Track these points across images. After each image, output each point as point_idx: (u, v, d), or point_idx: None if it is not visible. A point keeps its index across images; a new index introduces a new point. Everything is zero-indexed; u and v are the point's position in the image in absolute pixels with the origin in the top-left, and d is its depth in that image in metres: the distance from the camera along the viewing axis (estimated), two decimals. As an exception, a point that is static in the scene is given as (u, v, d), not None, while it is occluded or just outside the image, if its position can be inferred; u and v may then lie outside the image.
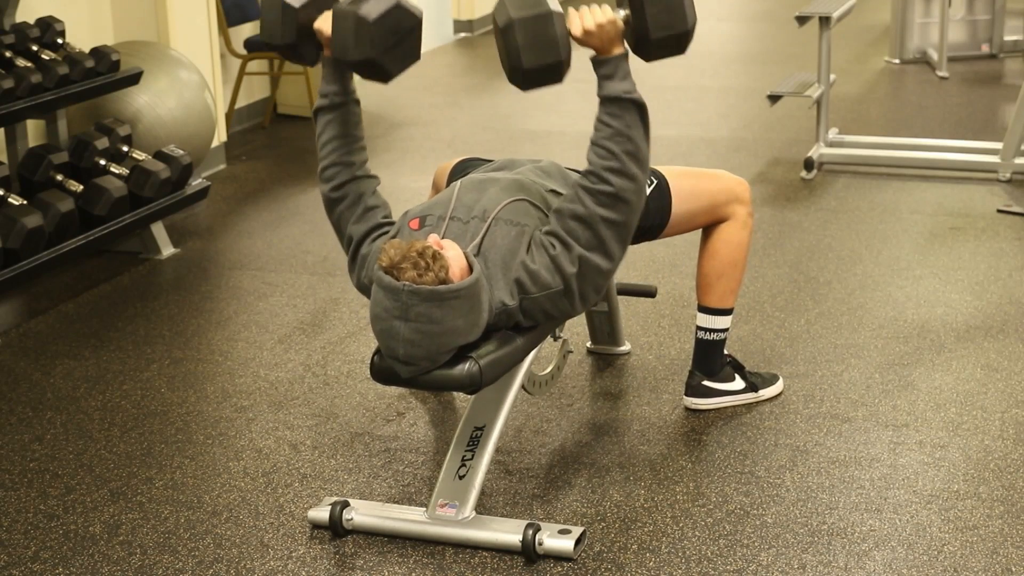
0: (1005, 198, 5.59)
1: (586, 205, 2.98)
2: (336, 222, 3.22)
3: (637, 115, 3.00)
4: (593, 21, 2.97)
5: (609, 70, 3.01)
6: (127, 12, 5.90)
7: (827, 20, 5.95)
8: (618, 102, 3.00)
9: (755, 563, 2.95)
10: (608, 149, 2.98)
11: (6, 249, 4.30)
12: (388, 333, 2.85)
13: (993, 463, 3.36)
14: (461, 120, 7.40)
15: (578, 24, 2.97)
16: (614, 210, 2.99)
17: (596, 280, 3.03)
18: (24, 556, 3.05)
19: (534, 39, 2.90)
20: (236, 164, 6.50)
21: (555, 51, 2.92)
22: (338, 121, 3.21)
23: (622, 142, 2.98)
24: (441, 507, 3.07)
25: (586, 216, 2.99)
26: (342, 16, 3.05)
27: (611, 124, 2.99)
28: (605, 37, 2.98)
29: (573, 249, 2.98)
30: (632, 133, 2.99)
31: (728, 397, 3.69)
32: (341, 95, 3.20)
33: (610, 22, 2.98)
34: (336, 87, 3.20)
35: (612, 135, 2.98)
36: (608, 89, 3.01)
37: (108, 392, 3.93)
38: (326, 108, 3.21)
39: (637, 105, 3.01)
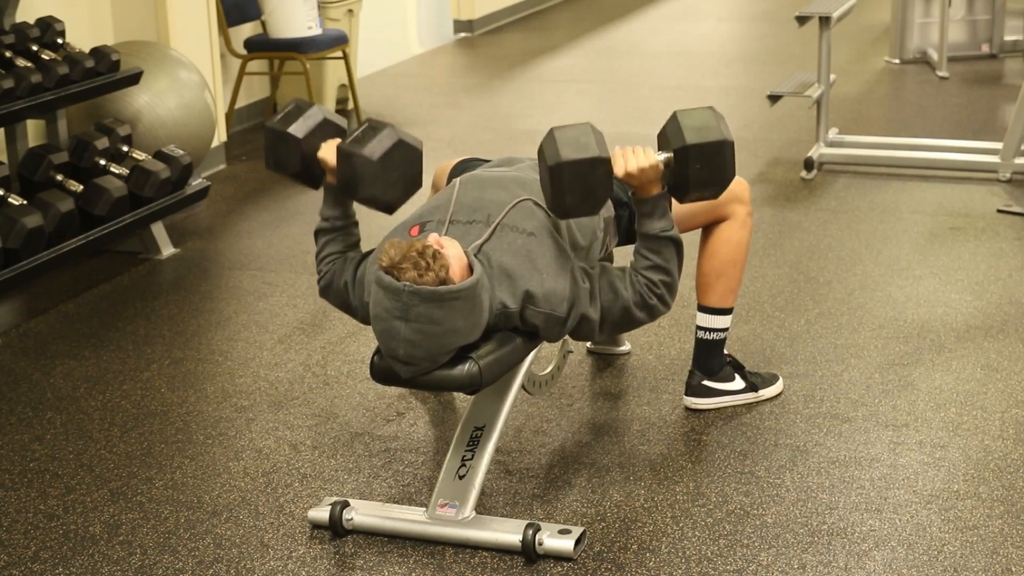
0: (1005, 198, 5.59)
1: (627, 288, 3.11)
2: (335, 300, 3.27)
3: (674, 251, 3.13)
4: (636, 165, 3.04)
5: (648, 209, 3.10)
6: (127, 12, 5.90)
7: (827, 20, 5.95)
8: (657, 239, 3.11)
9: (755, 563, 2.95)
10: (649, 280, 3.12)
11: (6, 249, 4.30)
12: (388, 333, 2.85)
13: (993, 463, 3.36)
14: (461, 120, 7.40)
15: (621, 165, 3.05)
16: (639, 311, 3.12)
17: (584, 331, 3.11)
18: (24, 556, 3.05)
19: (579, 182, 2.97)
20: (236, 164, 6.50)
21: (596, 194, 3.01)
22: (338, 240, 3.29)
23: (662, 275, 3.12)
24: (441, 507, 3.07)
25: (621, 296, 3.10)
26: (346, 156, 3.14)
27: (650, 258, 3.12)
28: (645, 179, 3.06)
29: (596, 300, 3.07)
30: (669, 267, 3.13)
31: (728, 397, 3.69)
32: (342, 219, 3.30)
33: (652, 167, 3.05)
34: (337, 212, 3.29)
35: (650, 267, 3.12)
36: (647, 227, 3.12)
37: (108, 392, 3.93)
38: (327, 230, 3.30)
39: (675, 242, 3.13)
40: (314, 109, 3.29)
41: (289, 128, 3.24)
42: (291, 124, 3.25)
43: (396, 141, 3.14)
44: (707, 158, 3.01)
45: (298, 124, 3.25)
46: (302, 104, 3.31)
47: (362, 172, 3.12)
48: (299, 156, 3.25)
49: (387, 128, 3.15)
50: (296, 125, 3.24)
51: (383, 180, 3.13)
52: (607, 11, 10.88)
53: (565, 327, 3.04)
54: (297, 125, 3.24)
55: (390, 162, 3.13)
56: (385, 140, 3.13)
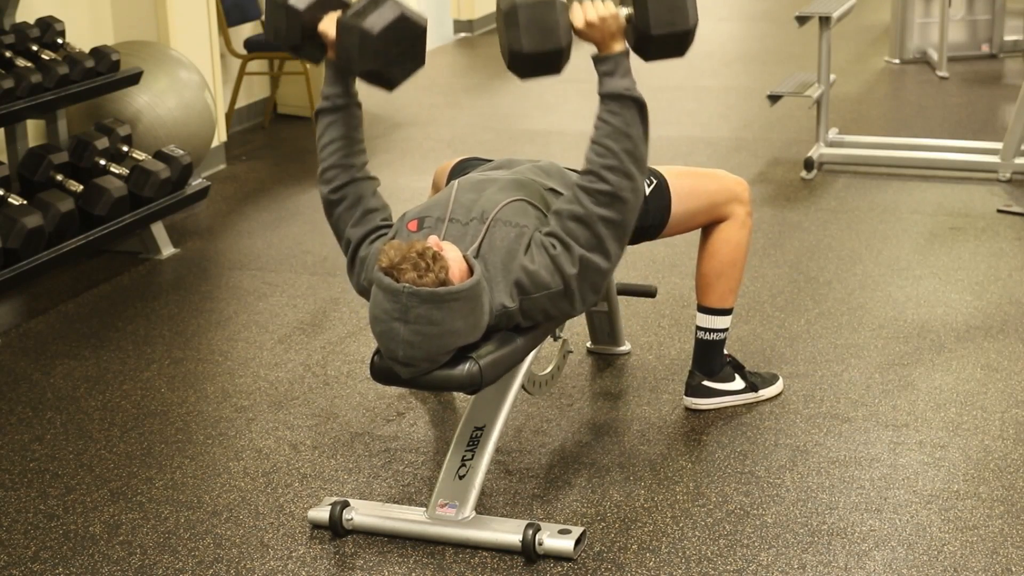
0: (1005, 198, 5.59)
1: (584, 205, 2.98)
2: (335, 224, 3.22)
3: (637, 113, 3.00)
4: (596, 14, 2.98)
5: (609, 67, 3.01)
6: (127, 12, 5.90)
7: (827, 20, 5.95)
8: (618, 99, 3.00)
9: (755, 563, 2.95)
10: (607, 147, 2.98)
11: (6, 249, 4.30)
12: (388, 335, 2.84)
13: (993, 463, 3.36)
14: (461, 120, 7.40)
15: (580, 16, 2.98)
16: (612, 209, 2.99)
17: (595, 280, 3.03)
18: (24, 556, 3.05)
19: (536, 24, 2.91)
20: (236, 164, 6.50)
21: (555, 38, 2.93)
22: (340, 123, 3.21)
23: (621, 140, 2.99)
24: (441, 507, 3.07)
25: (584, 216, 2.98)
26: (347, 29, 3.05)
27: (610, 122, 2.99)
28: (607, 31, 2.99)
29: (573, 250, 2.98)
30: (631, 131, 2.99)
31: (728, 397, 3.69)
32: (343, 97, 3.21)
33: (612, 16, 2.98)
34: (339, 89, 3.20)
35: (611, 133, 2.99)
36: (608, 86, 3.01)
37: (108, 392, 3.93)
38: (328, 110, 3.22)
39: (637, 103, 3.01)
40: None
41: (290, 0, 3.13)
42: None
43: (398, 15, 3.03)
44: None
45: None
46: None
47: (362, 46, 3.02)
48: (298, 28, 3.15)
49: (389, 1, 3.04)
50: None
51: (384, 54, 3.03)
52: (607, 11, 10.87)
53: (574, 295, 2.99)
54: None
55: (392, 36, 3.03)
56: (387, 12, 3.02)
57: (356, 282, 3.17)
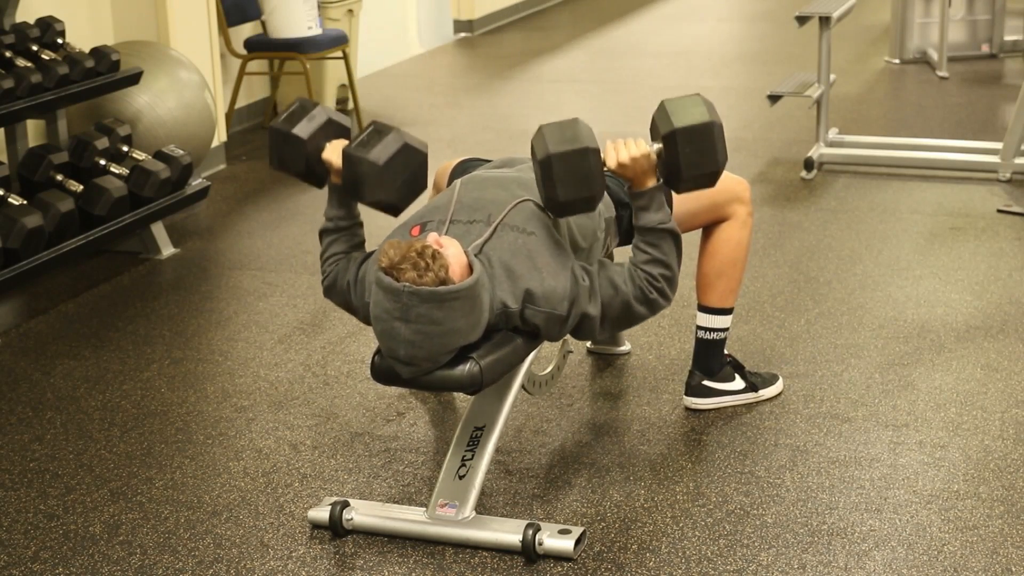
0: (1005, 198, 5.59)
1: (626, 284, 3.09)
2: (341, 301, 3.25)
3: (672, 244, 3.12)
4: (628, 155, 3.04)
5: (644, 202, 3.10)
6: (127, 12, 5.90)
7: (827, 20, 5.95)
8: (654, 232, 3.11)
9: (755, 563, 2.95)
10: (649, 273, 3.10)
11: (6, 249, 4.30)
12: (389, 334, 2.85)
13: (993, 463, 3.36)
14: (461, 120, 7.40)
15: (613, 157, 3.05)
16: (639, 306, 3.10)
17: (586, 328, 3.10)
18: (24, 556, 3.05)
19: (570, 173, 2.98)
20: (236, 164, 6.50)
21: (589, 186, 3.00)
22: (343, 241, 3.29)
23: (661, 268, 3.11)
24: (441, 507, 3.07)
25: (621, 291, 3.08)
26: (352, 161, 3.14)
27: (648, 252, 3.11)
28: (639, 169, 3.06)
29: (596, 296, 3.06)
30: (669, 260, 3.12)
31: (728, 397, 3.69)
32: (347, 220, 3.29)
33: (644, 155, 3.05)
34: (342, 212, 3.29)
35: (649, 261, 3.11)
36: (644, 220, 3.11)
37: (108, 392, 3.93)
38: (331, 231, 3.30)
39: (672, 235, 3.12)
40: (318, 109, 3.29)
41: (293, 129, 3.24)
42: (295, 125, 3.24)
43: (402, 145, 3.14)
44: (695, 141, 3.00)
45: (302, 125, 3.24)
46: (306, 104, 3.31)
47: (368, 176, 3.12)
48: (303, 157, 3.25)
49: (392, 132, 3.15)
50: (300, 126, 3.24)
51: (389, 184, 3.13)
52: (607, 11, 10.88)
53: (566, 326, 3.04)
54: (301, 126, 3.24)
55: (395, 166, 3.13)
56: (391, 144, 3.13)
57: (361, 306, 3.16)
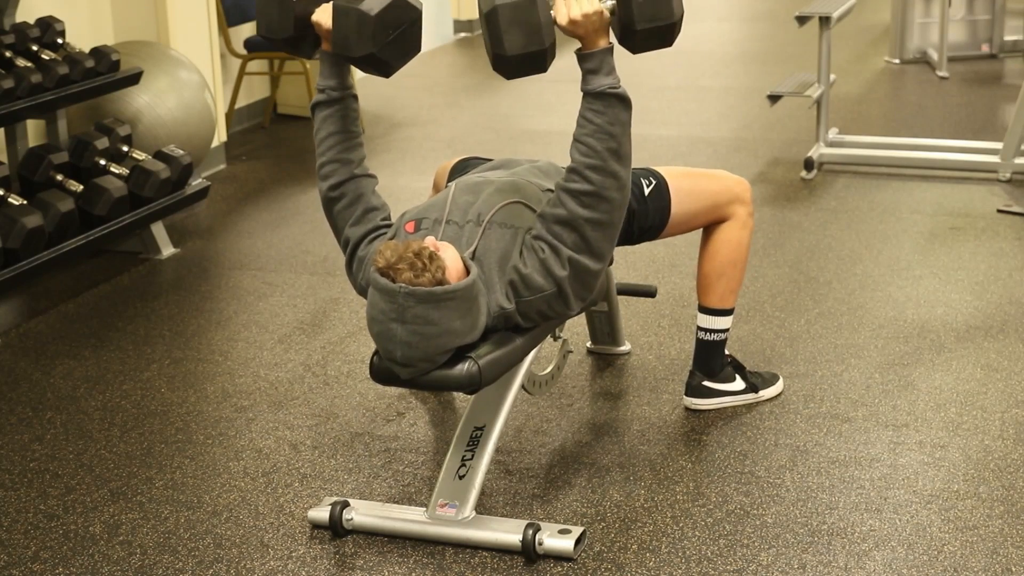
0: (1005, 198, 5.59)
1: (568, 207, 2.95)
2: (333, 222, 3.21)
3: (622, 110, 2.95)
4: (579, 10, 2.91)
5: (594, 64, 2.96)
6: (127, 12, 5.90)
7: (827, 20, 5.95)
8: (602, 97, 2.95)
9: (755, 563, 2.95)
10: (590, 146, 2.94)
11: (6, 249, 4.30)
12: (385, 335, 2.84)
13: (993, 463, 3.36)
14: (461, 120, 7.40)
15: (564, 13, 2.92)
16: (597, 210, 2.96)
17: (587, 280, 3.02)
18: (24, 556, 3.05)
19: (517, 25, 2.87)
20: (236, 164, 6.50)
21: (539, 38, 2.89)
22: (336, 116, 3.19)
23: (604, 139, 2.94)
24: (441, 507, 3.07)
25: (569, 219, 2.96)
26: (343, 12, 3.03)
27: (594, 120, 2.95)
28: (591, 27, 2.93)
29: (561, 252, 2.96)
30: (615, 130, 2.95)
31: (728, 397, 3.69)
32: (339, 90, 3.18)
33: (596, 12, 2.92)
34: (334, 82, 3.18)
35: (594, 131, 2.94)
36: (592, 83, 2.96)
37: (108, 392, 3.93)
38: (324, 103, 3.19)
39: (622, 100, 2.96)
40: None
41: None
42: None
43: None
44: None
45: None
46: None
47: (359, 29, 2.99)
48: (291, 20, 3.12)
49: None
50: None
51: (380, 37, 3.00)
52: (607, 11, 10.87)
53: (569, 296, 2.98)
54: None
55: (388, 19, 3.00)
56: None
57: (355, 282, 3.16)
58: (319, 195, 3.22)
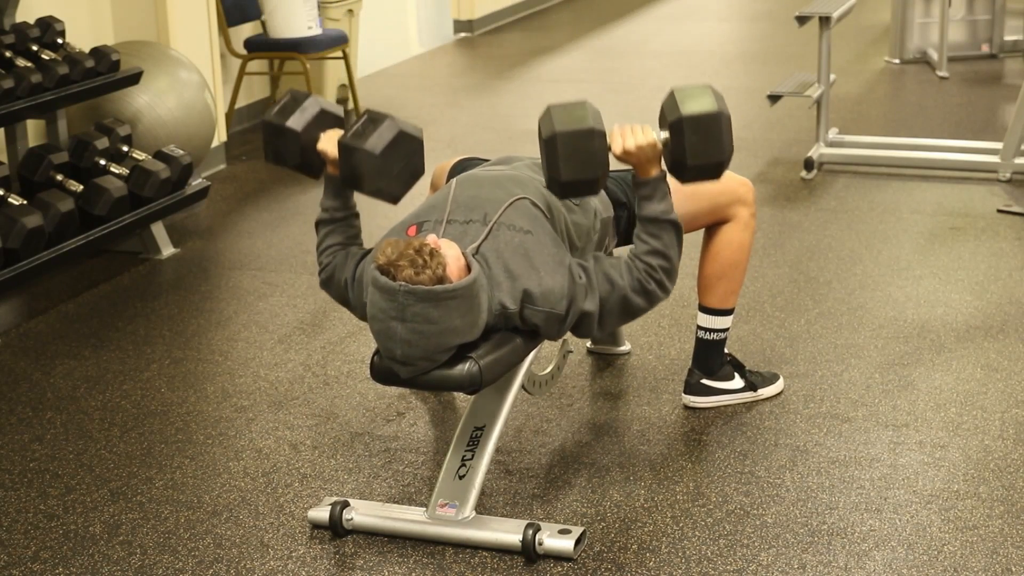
0: (1005, 198, 5.59)
1: (623, 277, 3.07)
2: (337, 294, 3.24)
3: (674, 235, 3.11)
4: (634, 142, 3.03)
5: (648, 191, 3.08)
6: (127, 12, 5.90)
7: (827, 20, 5.95)
8: (656, 223, 3.09)
9: (755, 563, 2.95)
10: (648, 264, 3.08)
11: (6, 249, 4.30)
12: (385, 334, 2.84)
13: (993, 463, 3.36)
14: (461, 120, 7.40)
15: (619, 143, 3.04)
16: (637, 297, 3.08)
17: (586, 330, 3.11)
18: (24, 556, 3.05)
19: (575, 154, 2.96)
20: (236, 164, 6.50)
21: (594, 168, 2.98)
22: (339, 232, 3.28)
23: (660, 260, 3.09)
24: (441, 507, 3.07)
25: (618, 285, 3.06)
26: (348, 151, 3.12)
27: (648, 243, 3.09)
28: (644, 158, 3.05)
29: (593, 294, 3.05)
30: (670, 252, 3.10)
31: (727, 396, 3.69)
32: (343, 210, 3.28)
33: (650, 145, 3.04)
34: (338, 203, 3.28)
35: (649, 252, 3.09)
36: (647, 210, 3.09)
37: (108, 392, 3.93)
38: (327, 221, 3.29)
39: (674, 226, 3.10)
40: (310, 100, 3.27)
41: (287, 122, 3.23)
42: (288, 117, 3.24)
43: (397, 133, 3.12)
44: (702, 130, 2.97)
45: (295, 117, 3.24)
46: (297, 95, 3.30)
47: (365, 166, 3.11)
48: (298, 149, 3.23)
49: (387, 120, 3.13)
50: (294, 118, 3.24)
51: (387, 173, 3.12)
52: (607, 11, 10.88)
53: (565, 324, 3.04)
54: (295, 118, 3.24)
55: (393, 154, 3.11)
56: (386, 133, 3.11)
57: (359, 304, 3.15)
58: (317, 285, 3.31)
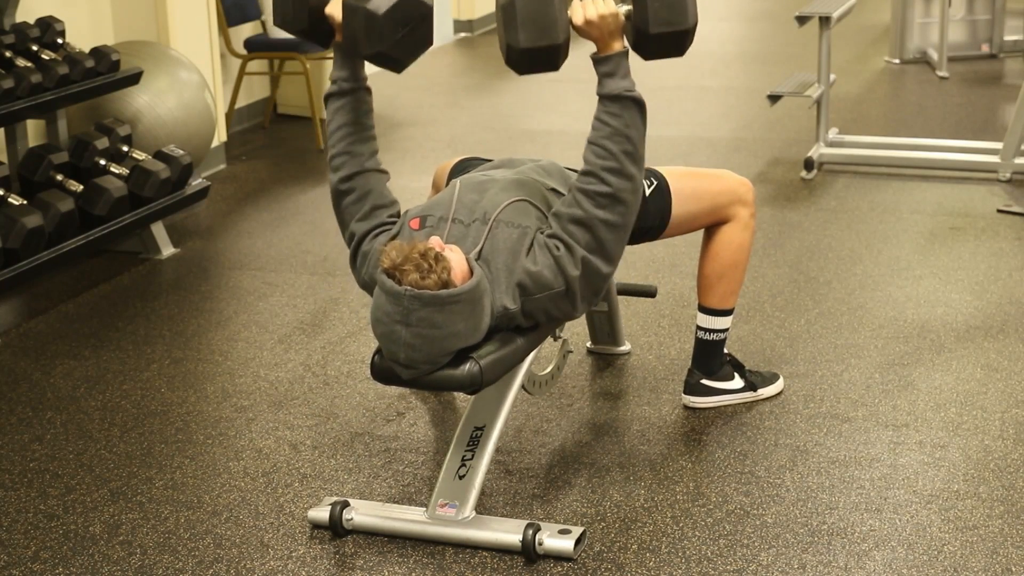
0: (1005, 198, 5.59)
1: (584, 208, 2.98)
2: (341, 215, 3.20)
3: (637, 113, 3.00)
4: (595, 11, 2.96)
5: (609, 67, 3.00)
6: (127, 12, 5.90)
7: (827, 20, 5.95)
8: (618, 100, 2.99)
9: (755, 563, 2.95)
10: (606, 148, 2.98)
11: (6, 249, 4.30)
12: (389, 337, 2.84)
13: (993, 463, 3.36)
14: (461, 120, 7.40)
15: (580, 13, 2.97)
16: (612, 211, 2.99)
17: (596, 283, 3.03)
18: (24, 556, 3.05)
19: (533, 20, 2.90)
20: (236, 164, 6.50)
21: (553, 34, 2.92)
22: (348, 108, 3.18)
23: (620, 141, 2.98)
24: (441, 507, 3.07)
25: (585, 219, 2.98)
26: (351, 10, 3.04)
27: (609, 123, 2.98)
28: (606, 28, 2.97)
29: (576, 251, 2.98)
30: (631, 132, 2.99)
31: (727, 396, 3.69)
32: (351, 81, 3.18)
33: (612, 14, 2.97)
34: (347, 73, 3.18)
35: (611, 134, 2.98)
36: (608, 87, 3.00)
37: (108, 392, 3.93)
38: (336, 94, 3.19)
39: (637, 103, 3.00)
40: None
41: None
42: None
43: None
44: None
45: None
46: None
47: (367, 26, 3.01)
48: (306, 12, 3.14)
49: None
50: None
51: (388, 35, 3.02)
52: (607, 11, 10.87)
53: (576, 296, 2.99)
54: None
55: (397, 16, 3.01)
56: None
57: (359, 277, 3.16)
58: (329, 187, 3.22)
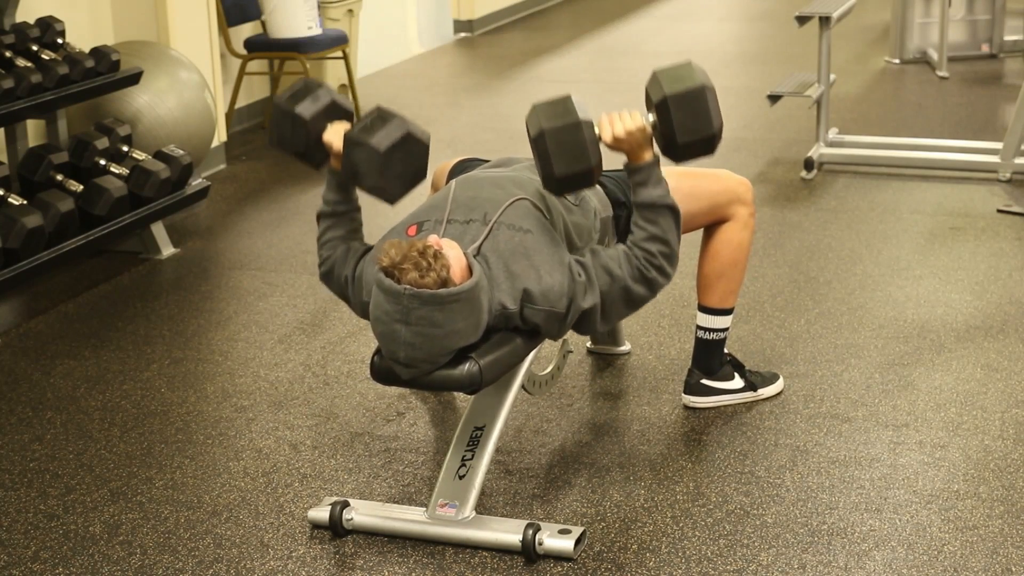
0: (1005, 198, 5.59)
1: (621, 267, 3.06)
2: (337, 290, 3.24)
3: (671, 219, 3.09)
4: (623, 128, 3.02)
5: (642, 177, 3.08)
6: (127, 12, 5.90)
7: (827, 20, 5.95)
8: (653, 208, 3.08)
9: (755, 563, 2.95)
10: (647, 251, 3.07)
11: (6, 249, 4.30)
12: (389, 336, 2.85)
13: (993, 463, 3.36)
14: (461, 120, 7.40)
15: (608, 131, 3.03)
16: (638, 286, 3.07)
17: (590, 326, 3.10)
18: (24, 556, 3.05)
19: (564, 147, 2.96)
20: (236, 164, 6.50)
21: (585, 159, 2.98)
22: (339, 226, 3.26)
23: (659, 245, 3.08)
24: (441, 507, 3.07)
25: (617, 276, 3.05)
26: (354, 143, 3.11)
27: (646, 229, 3.08)
28: (635, 143, 3.04)
29: (594, 290, 3.03)
30: (668, 237, 3.09)
31: (727, 396, 3.69)
32: (344, 204, 3.26)
33: (639, 129, 3.03)
34: (340, 196, 3.26)
35: (648, 239, 3.08)
36: (642, 196, 3.08)
37: (108, 392, 3.93)
38: (329, 215, 3.27)
39: (671, 210, 3.09)
40: (323, 90, 3.25)
41: (297, 108, 3.20)
42: (299, 103, 3.21)
43: (405, 133, 3.11)
44: (687, 106, 2.98)
45: (306, 104, 3.21)
46: (311, 83, 3.27)
47: (368, 162, 3.09)
48: (304, 137, 3.21)
49: (396, 119, 3.12)
50: (304, 105, 3.21)
51: (388, 172, 3.10)
52: (607, 11, 10.88)
53: (566, 323, 3.04)
54: (305, 105, 3.21)
55: (397, 154, 3.09)
56: (394, 131, 3.09)
57: (358, 303, 3.15)
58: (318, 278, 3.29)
